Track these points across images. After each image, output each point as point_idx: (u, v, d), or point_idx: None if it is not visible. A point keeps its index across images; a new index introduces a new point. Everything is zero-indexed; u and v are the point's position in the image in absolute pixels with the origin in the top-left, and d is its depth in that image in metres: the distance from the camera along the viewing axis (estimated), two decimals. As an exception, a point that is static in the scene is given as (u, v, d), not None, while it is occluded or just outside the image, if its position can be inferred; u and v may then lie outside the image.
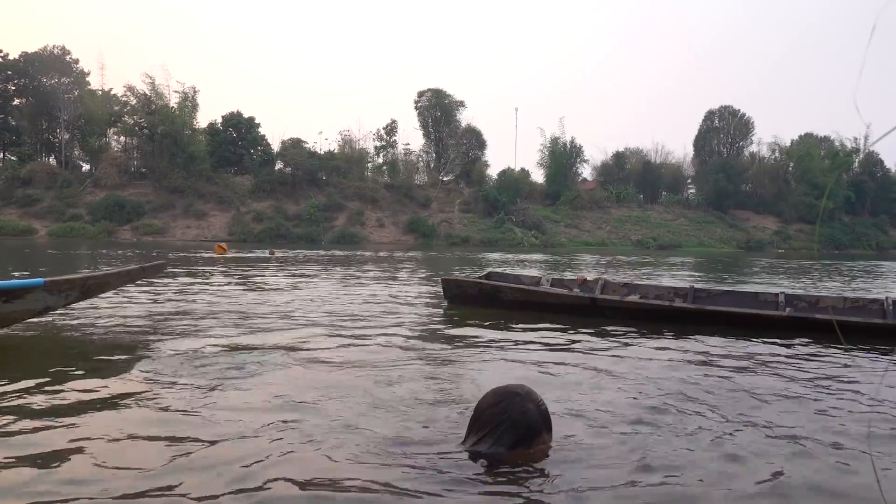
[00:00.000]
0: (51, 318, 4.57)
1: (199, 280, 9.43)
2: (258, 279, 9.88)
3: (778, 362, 3.88)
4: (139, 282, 6.59)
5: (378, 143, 56.44)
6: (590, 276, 7.05)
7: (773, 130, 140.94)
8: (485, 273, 7.54)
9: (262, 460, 2.03)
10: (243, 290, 8.00)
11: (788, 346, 4.40)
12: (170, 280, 8.91)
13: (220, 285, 8.60)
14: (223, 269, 12.43)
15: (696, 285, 6.67)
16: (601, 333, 4.90)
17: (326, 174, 50.45)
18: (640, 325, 5.20)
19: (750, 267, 19.62)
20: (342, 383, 3.09)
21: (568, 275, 8.19)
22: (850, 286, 11.03)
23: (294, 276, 10.85)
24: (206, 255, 18.27)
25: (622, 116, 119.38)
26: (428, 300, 7.22)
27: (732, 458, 2.12)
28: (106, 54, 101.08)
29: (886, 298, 5.57)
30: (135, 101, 48.78)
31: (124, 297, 6.43)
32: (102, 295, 5.03)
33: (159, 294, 6.98)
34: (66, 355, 3.67)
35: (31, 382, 2.94)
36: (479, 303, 6.13)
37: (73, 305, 4.53)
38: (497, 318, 5.43)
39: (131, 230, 41.08)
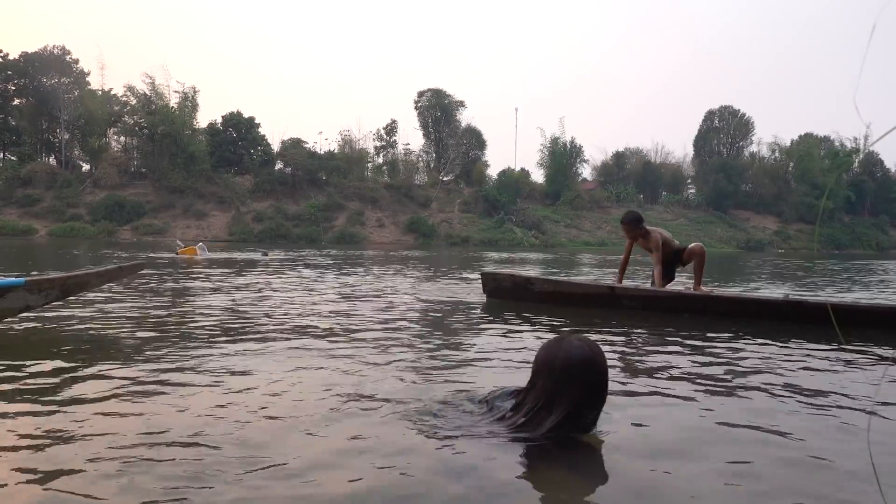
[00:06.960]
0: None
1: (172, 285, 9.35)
2: (265, 280, 9.79)
3: (777, 359, 3.82)
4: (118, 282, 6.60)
5: (378, 143, 56.57)
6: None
7: (773, 130, 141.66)
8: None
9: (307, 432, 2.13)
10: (245, 288, 7.91)
11: (788, 344, 4.35)
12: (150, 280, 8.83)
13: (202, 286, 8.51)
14: (201, 273, 12.29)
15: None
16: (619, 325, 5.13)
17: (326, 174, 50.45)
18: (652, 314, 5.73)
19: (750, 268, 19.56)
20: (401, 369, 3.21)
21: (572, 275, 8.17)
22: (854, 288, 10.95)
23: (306, 275, 10.59)
24: (168, 256, 16.53)
25: (622, 116, 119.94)
26: (466, 293, 7.59)
27: (728, 456, 2.07)
28: (106, 54, 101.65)
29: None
30: (135, 101, 48.89)
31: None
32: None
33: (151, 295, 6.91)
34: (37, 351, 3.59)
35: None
36: (512, 295, 6.72)
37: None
38: (534, 309, 5.93)
39: (131, 230, 41.12)
